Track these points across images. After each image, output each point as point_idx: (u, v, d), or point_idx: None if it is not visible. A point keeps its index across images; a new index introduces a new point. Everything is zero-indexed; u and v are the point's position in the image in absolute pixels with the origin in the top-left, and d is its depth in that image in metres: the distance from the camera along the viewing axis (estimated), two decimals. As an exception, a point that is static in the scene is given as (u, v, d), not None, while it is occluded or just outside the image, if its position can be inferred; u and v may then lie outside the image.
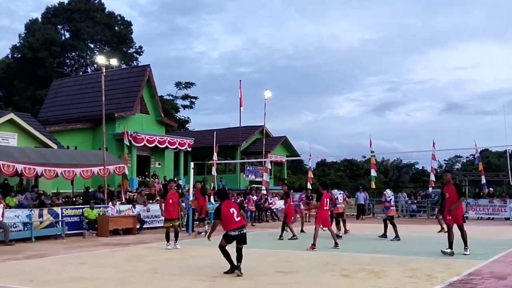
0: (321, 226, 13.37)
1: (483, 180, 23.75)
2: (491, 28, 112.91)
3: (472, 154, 47.60)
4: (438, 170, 46.57)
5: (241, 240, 9.08)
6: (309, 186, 28.42)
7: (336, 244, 13.32)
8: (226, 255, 9.06)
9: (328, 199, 13.63)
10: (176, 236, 13.73)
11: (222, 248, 9.09)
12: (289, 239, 15.74)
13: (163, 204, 14.23)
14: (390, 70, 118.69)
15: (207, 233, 10.55)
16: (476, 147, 22.51)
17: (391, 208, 15.96)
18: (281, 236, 16.26)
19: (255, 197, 25.70)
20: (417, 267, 9.65)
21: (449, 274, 8.82)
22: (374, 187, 30.46)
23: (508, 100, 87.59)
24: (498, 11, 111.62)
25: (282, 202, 29.82)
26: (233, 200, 21.79)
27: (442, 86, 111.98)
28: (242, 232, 9.06)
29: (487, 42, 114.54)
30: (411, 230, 18.52)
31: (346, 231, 17.30)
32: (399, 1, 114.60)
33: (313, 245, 12.90)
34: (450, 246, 11.30)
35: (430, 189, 29.25)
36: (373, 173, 29.43)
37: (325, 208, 13.37)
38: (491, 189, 29.56)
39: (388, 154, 68.13)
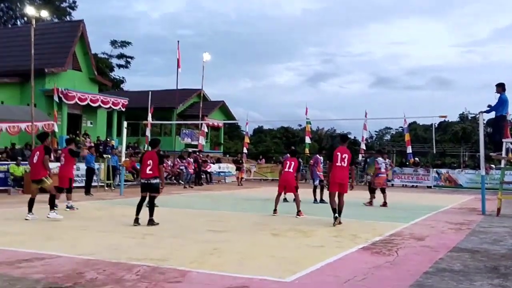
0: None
1: (409, 150, 24.89)
2: (429, 5, 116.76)
3: (401, 126, 49.59)
4: (369, 140, 48.36)
5: (148, 188, 10.10)
6: (245, 151, 28.64)
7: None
8: (138, 204, 10.18)
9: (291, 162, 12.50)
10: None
11: (141, 197, 10.30)
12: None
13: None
14: (330, 42, 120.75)
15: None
16: (405, 117, 23.42)
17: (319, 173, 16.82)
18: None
19: (192, 160, 25.60)
20: (343, 228, 10.03)
21: (373, 234, 9.23)
22: (308, 153, 31.13)
23: (434, 77, 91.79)
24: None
25: (216, 166, 30.13)
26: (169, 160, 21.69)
27: (377, 60, 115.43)
28: (148, 181, 10.08)
29: (424, 18, 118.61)
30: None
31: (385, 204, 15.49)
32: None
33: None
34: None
35: (360, 157, 30.27)
36: (308, 140, 30.02)
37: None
38: (416, 159, 31.06)
39: (323, 123, 69.66)
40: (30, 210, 10.71)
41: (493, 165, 27.06)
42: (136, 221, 9.91)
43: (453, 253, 7.44)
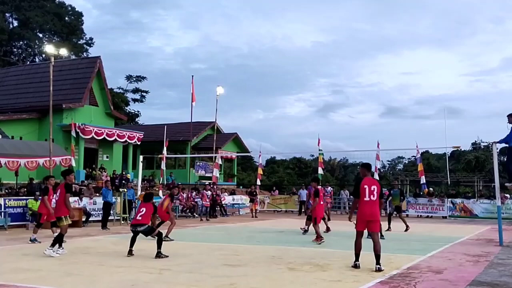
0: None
1: (423, 180, 24.76)
2: (436, 36, 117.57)
3: (413, 156, 49.40)
4: (381, 170, 48.17)
5: (138, 233, 10.67)
6: (258, 182, 28.69)
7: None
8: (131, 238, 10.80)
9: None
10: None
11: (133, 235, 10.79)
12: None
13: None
14: (340, 73, 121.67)
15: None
16: (417, 148, 23.41)
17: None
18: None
19: (209, 192, 25.67)
20: (360, 262, 9.97)
21: (390, 268, 9.19)
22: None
23: (444, 106, 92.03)
24: (443, 21, 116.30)
25: (230, 198, 30.22)
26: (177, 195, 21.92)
27: (387, 90, 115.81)
28: (135, 229, 10.60)
29: (432, 49, 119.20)
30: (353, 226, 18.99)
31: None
32: (350, 6, 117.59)
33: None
34: None
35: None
36: (320, 171, 29.99)
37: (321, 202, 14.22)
38: (431, 189, 30.84)
39: (335, 154, 69.59)
40: (60, 244, 10.88)
41: (508, 195, 26.79)
42: (130, 252, 10.54)
43: (472, 287, 7.40)
